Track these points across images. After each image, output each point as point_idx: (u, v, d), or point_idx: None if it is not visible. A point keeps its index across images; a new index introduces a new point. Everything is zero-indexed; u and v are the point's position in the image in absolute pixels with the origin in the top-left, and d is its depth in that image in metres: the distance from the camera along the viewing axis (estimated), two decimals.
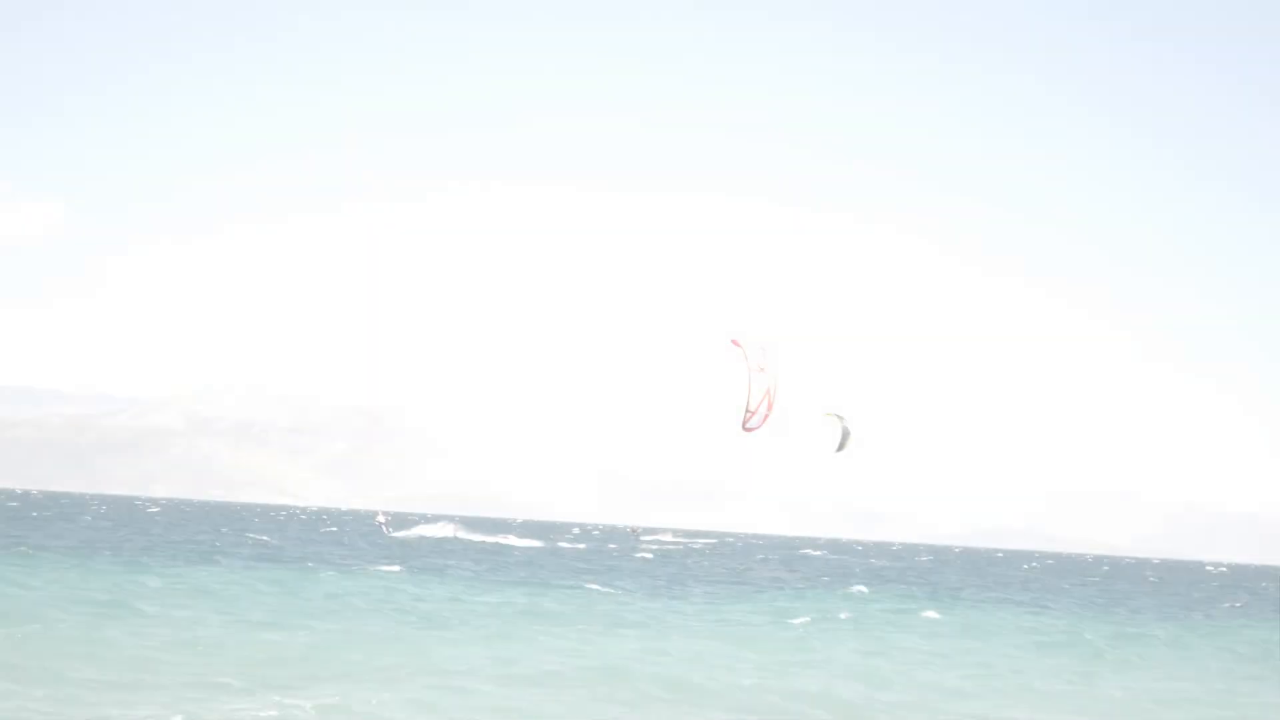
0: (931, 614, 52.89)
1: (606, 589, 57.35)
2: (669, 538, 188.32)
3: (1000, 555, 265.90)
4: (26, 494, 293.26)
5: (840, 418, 41.44)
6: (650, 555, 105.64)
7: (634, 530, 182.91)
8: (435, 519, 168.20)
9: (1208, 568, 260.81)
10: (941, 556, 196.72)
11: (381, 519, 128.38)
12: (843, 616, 49.11)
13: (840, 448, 42.16)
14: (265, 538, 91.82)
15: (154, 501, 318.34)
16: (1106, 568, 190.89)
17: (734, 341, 39.67)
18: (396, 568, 62.73)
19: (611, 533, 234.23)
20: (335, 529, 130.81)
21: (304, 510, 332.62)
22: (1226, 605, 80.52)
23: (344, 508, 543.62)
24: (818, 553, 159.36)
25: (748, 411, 39.00)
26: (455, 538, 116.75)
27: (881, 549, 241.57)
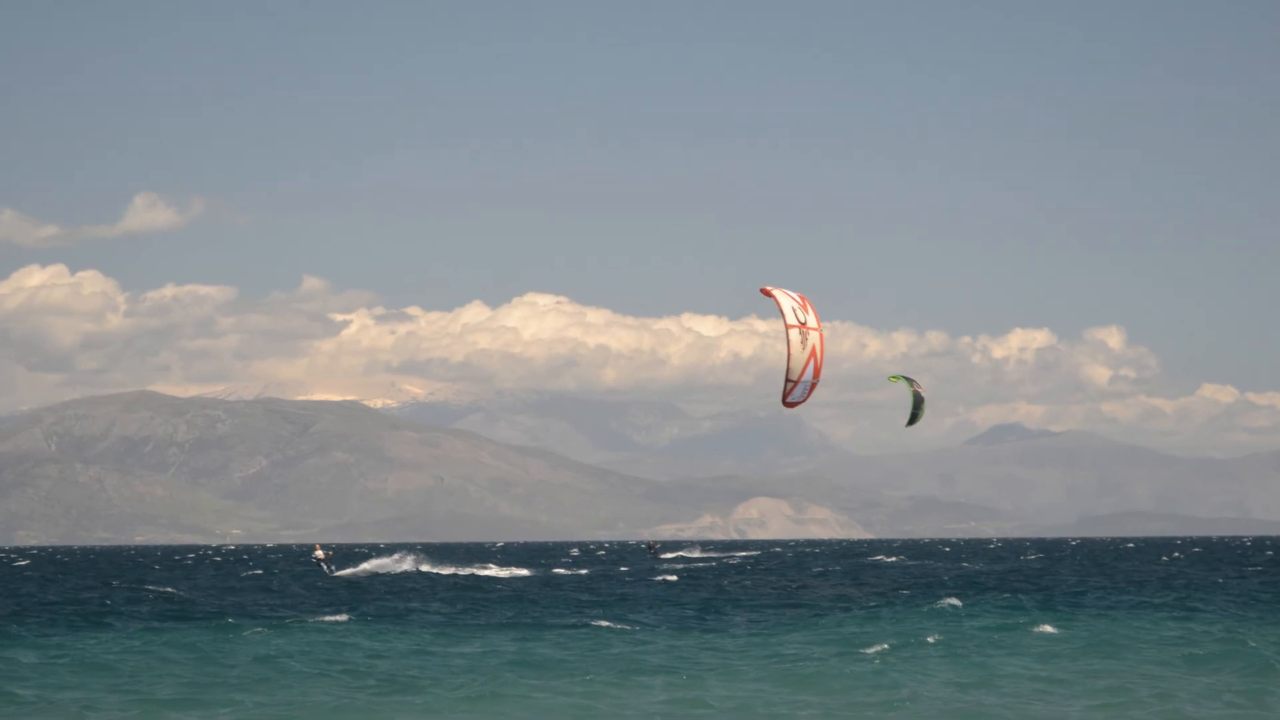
0: (1046, 628, 52.95)
1: (620, 625, 57.44)
2: (697, 552, 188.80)
3: (1131, 546, 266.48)
4: None
5: (911, 381, 41.42)
6: (674, 577, 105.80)
7: (651, 546, 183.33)
8: (390, 549, 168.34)
9: None
10: (1053, 553, 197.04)
11: (320, 554, 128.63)
12: (930, 640, 49.15)
13: (913, 418, 42.19)
14: (170, 589, 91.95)
15: (21, 552, 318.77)
16: (1270, 551, 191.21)
17: (765, 291, 39.62)
18: (344, 616, 62.79)
19: (622, 551, 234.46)
20: (260, 571, 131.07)
21: (218, 550, 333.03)
22: None
23: (270, 543, 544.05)
24: (892, 559, 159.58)
25: (788, 382, 38.97)
26: (418, 572, 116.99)
27: (975, 549, 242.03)
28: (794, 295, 39.54)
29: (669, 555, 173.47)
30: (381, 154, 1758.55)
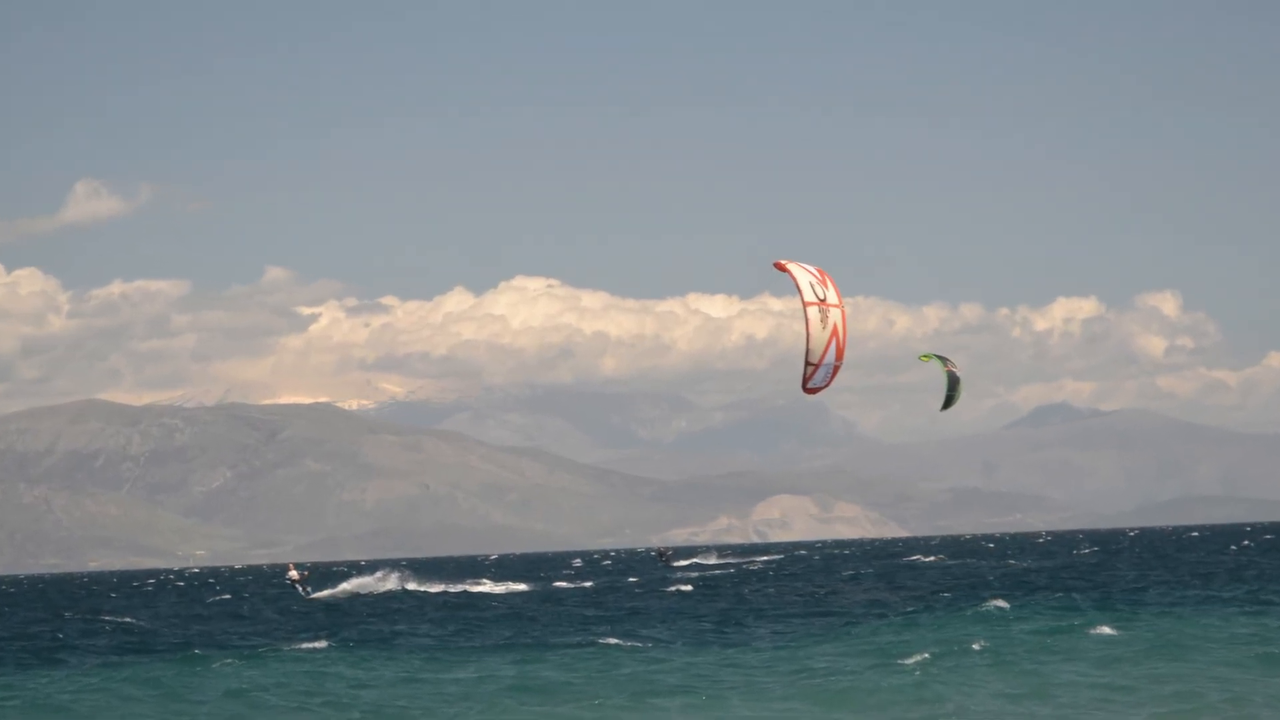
0: (1104, 629, 53.03)
1: (630, 642, 57.50)
2: (713, 558, 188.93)
3: (1195, 535, 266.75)
4: None
5: (945, 360, 41.48)
6: (689, 587, 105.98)
7: (662, 553, 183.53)
8: (372, 567, 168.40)
9: None
10: (1109, 545, 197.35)
11: (294, 575, 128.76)
12: (976, 647, 49.23)
13: (949, 402, 42.21)
14: (129, 619, 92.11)
15: None
16: None
17: (779, 265, 39.67)
18: (323, 643, 62.88)
19: (630, 560, 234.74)
20: (229, 596, 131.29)
21: (181, 574, 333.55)
22: None
23: (238, 564, 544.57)
24: (930, 559, 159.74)
25: (808, 365, 39.03)
26: (403, 591, 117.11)
27: (1022, 544, 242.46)
28: (811, 269, 39.57)
29: (682, 563, 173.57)
30: (348, 128, 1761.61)
